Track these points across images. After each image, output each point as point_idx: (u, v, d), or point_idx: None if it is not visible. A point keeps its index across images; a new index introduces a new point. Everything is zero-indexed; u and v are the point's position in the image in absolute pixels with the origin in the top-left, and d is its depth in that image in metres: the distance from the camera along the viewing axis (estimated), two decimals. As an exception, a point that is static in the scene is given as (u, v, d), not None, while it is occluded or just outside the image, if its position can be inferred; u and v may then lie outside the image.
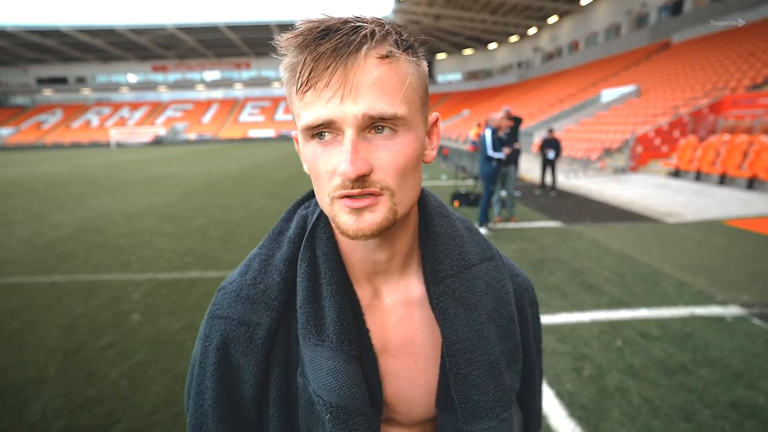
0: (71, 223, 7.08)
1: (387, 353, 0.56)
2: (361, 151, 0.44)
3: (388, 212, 0.46)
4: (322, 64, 0.42)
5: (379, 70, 0.43)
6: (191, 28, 43.48)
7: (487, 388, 0.54)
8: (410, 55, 0.47)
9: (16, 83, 54.67)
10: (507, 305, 0.58)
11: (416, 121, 0.48)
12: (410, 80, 0.46)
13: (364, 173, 0.43)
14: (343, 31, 0.43)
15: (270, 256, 0.58)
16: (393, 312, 0.57)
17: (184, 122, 50.33)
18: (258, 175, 13.51)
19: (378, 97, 0.43)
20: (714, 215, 6.60)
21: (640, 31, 26.93)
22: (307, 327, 0.52)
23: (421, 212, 0.59)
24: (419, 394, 0.57)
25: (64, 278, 4.41)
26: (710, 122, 11.97)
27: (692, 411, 2.18)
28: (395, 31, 0.46)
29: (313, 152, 0.46)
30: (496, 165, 5.86)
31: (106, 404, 2.35)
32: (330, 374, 0.50)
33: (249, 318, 0.53)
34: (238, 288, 0.55)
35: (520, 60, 43.71)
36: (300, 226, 0.59)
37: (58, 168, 18.75)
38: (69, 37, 43.53)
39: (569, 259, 4.62)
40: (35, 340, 3.10)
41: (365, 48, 0.43)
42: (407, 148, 0.46)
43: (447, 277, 0.55)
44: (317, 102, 0.43)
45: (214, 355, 0.54)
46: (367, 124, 0.44)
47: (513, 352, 0.57)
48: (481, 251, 0.60)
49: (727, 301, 3.48)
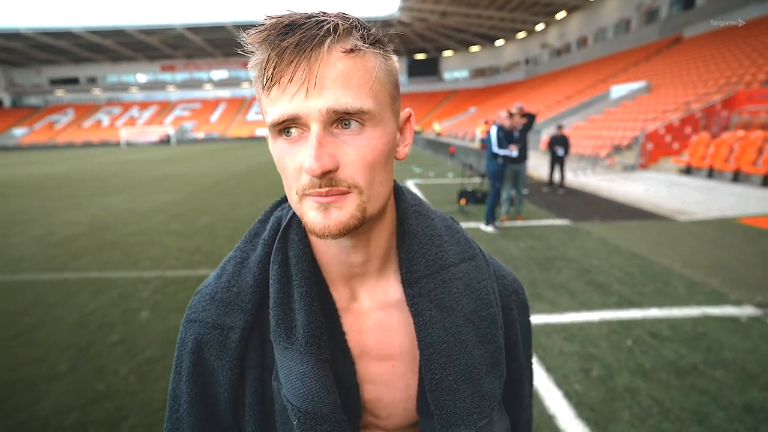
0: (82, 222, 7.19)
1: (365, 357, 0.55)
2: (326, 146, 0.43)
3: (356, 210, 0.45)
4: (286, 59, 0.42)
5: (344, 64, 0.43)
6: (199, 27, 43.83)
7: (464, 395, 0.52)
8: (378, 49, 0.46)
9: (30, 84, 55.63)
10: (488, 307, 0.56)
11: (384, 116, 0.47)
12: (377, 74, 0.45)
13: (329, 169, 0.42)
14: (306, 26, 0.42)
15: (244, 259, 0.57)
16: (370, 315, 0.55)
17: (192, 121, 50.81)
18: (265, 174, 13.57)
19: (343, 90, 0.42)
20: (727, 213, 6.47)
21: (651, 25, 26.51)
22: (278, 330, 0.51)
23: (397, 212, 0.57)
24: (399, 399, 0.56)
25: (75, 275, 4.48)
26: (723, 118, 11.74)
27: (705, 413, 2.14)
28: (361, 26, 0.46)
29: (281, 149, 0.46)
30: (502, 162, 5.81)
31: (115, 400, 2.38)
32: (299, 378, 0.49)
33: (222, 321, 0.53)
34: (213, 291, 0.55)
35: (528, 56, 43.32)
36: (274, 227, 0.58)
37: (70, 167, 19.05)
38: (80, 38, 44.16)
39: (577, 258, 4.57)
40: (47, 336, 3.15)
41: (329, 41, 0.42)
42: (375, 143, 0.45)
43: (422, 278, 0.54)
44: (282, 98, 0.43)
45: (189, 360, 0.53)
46: (333, 119, 0.43)
47: (494, 356, 0.55)
48: (461, 251, 0.58)
49: (741, 301, 3.41)
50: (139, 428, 2.16)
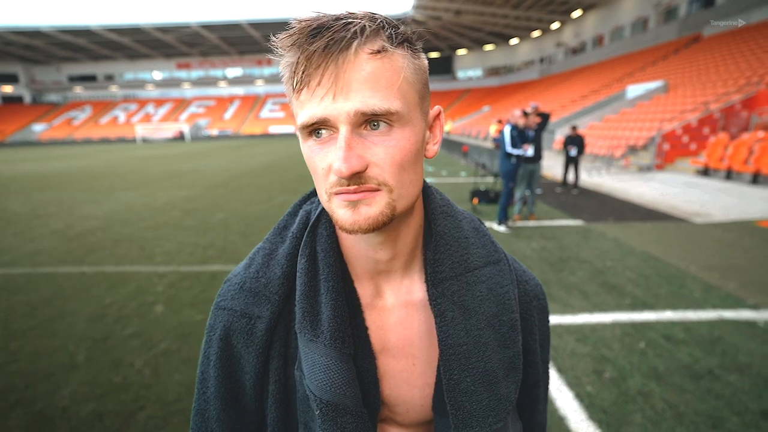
0: (99, 216, 7.35)
1: (386, 353, 0.56)
2: (355, 147, 0.43)
3: (386, 207, 0.46)
4: (314, 63, 0.42)
5: (371, 66, 0.43)
6: (214, 25, 44.37)
7: (480, 397, 0.53)
8: (406, 49, 0.46)
9: (50, 81, 57.02)
10: (509, 312, 0.56)
11: (413, 115, 0.47)
12: (405, 74, 0.45)
13: (357, 170, 0.43)
14: (334, 29, 0.43)
15: (273, 251, 0.58)
16: (393, 312, 0.56)
17: (207, 118, 51.45)
18: (278, 171, 13.69)
19: (371, 92, 0.43)
20: (746, 215, 6.31)
21: (669, 24, 25.92)
22: (303, 322, 0.52)
23: (425, 211, 0.58)
24: (417, 396, 0.57)
25: (93, 269, 4.59)
26: (743, 119, 11.43)
27: (720, 418, 2.10)
28: (389, 25, 0.46)
29: (311, 150, 0.47)
30: (515, 162, 5.75)
31: (131, 391, 2.44)
32: (322, 371, 0.50)
33: (250, 310, 0.54)
34: (242, 280, 0.56)
35: (542, 55, 42.75)
36: (303, 221, 0.59)
37: (87, 163, 19.47)
38: (99, 36, 45.08)
39: (591, 259, 4.51)
40: (65, 327, 3.24)
41: (356, 44, 0.43)
42: (404, 143, 0.46)
43: (446, 279, 0.54)
44: (311, 100, 0.44)
45: (218, 345, 0.56)
46: (361, 121, 0.44)
47: (512, 361, 0.56)
48: (487, 254, 0.58)
49: (759, 305, 3.33)
50: (154, 419, 2.21)
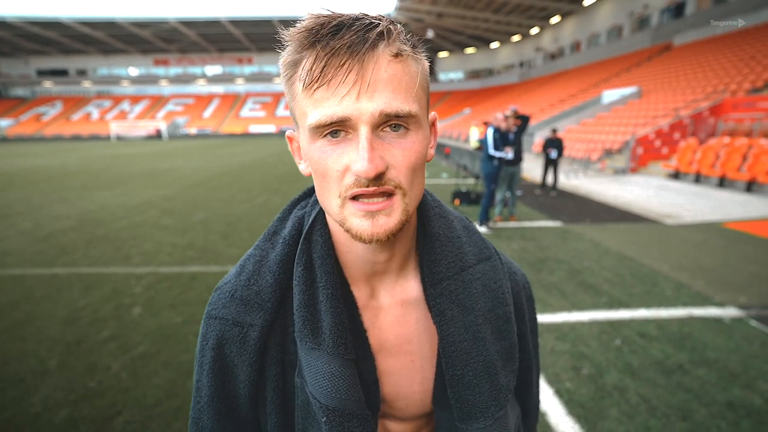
0: (72, 216, 7.08)
1: (384, 352, 0.57)
2: (376, 149, 0.43)
3: (402, 214, 0.46)
4: (336, 61, 0.41)
5: (393, 69, 0.43)
6: (193, 22, 43.35)
7: (482, 388, 0.54)
8: (417, 54, 0.47)
9: (17, 74, 54.46)
10: (503, 305, 0.58)
11: (424, 119, 0.48)
12: (419, 79, 0.46)
13: (381, 171, 0.43)
14: (356, 28, 0.42)
15: (264, 257, 0.57)
16: (390, 312, 0.57)
17: (185, 117, 50.24)
18: (259, 170, 13.49)
19: (393, 94, 0.43)
20: (713, 217, 6.62)
21: (642, 32, 26.90)
22: (304, 331, 0.52)
23: (419, 212, 0.59)
24: (416, 391, 0.58)
25: (65, 270, 4.42)
26: (710, 125, 11.98)
27: (689, 410, 2.21)
28: (404, 30, 0.47)
29: (321, 151, 0.45)
30: (497, 164, 5.86)
31: (107, 396, 2.37)
32: (326, 378, 0.50)
33: (242, 319, 0.54)
34: (233, 289, 0.56)
35: (522, 59, 43.64)
36: (296, 227, 0.58)
37: (58, 160, 18.70)
38: (70, 29, 43.34)
39: (569, 259, 4.64)
40: (36, 331, 3.11)
41: (382, 45, 0.43)
42: (417, 146, 0.46)
43: (444, 279, 0.56)
44: (330, 99, 0.42)
45: (210, 355, 0.55)
46: (382, 122, 0.43)
47: (509, 351, 0.58)
48: (479, 251, 0.60)
49: (725, 303, 3.50)
50: (132, 424, 2.15)
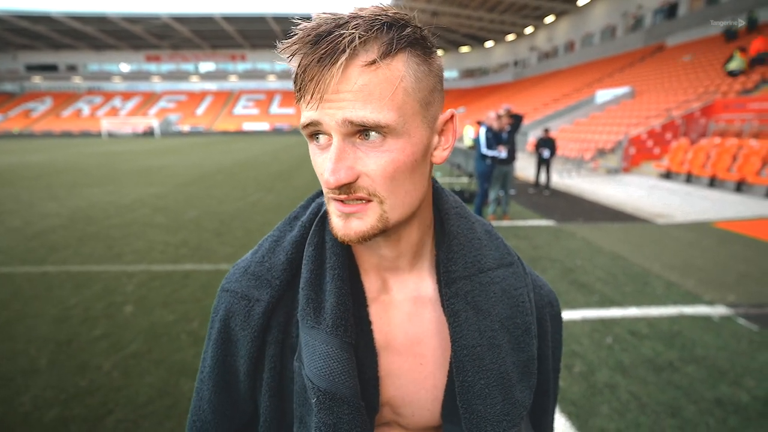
0: (62, 213, 6.99)
1: (391, 350, 0.54)
2: (346, 158, 0.44)
3: (377, 221, 0.46)
4: (308, 75, 0.43)
5: (364, 78, 0.42)
6: (186, 18, 42.83)
7: (495, 400, 0.51)
8: (409, 54, 0.44)
9: (5, 69, 53.46)
10: (524, 315, 0.55)
11: (410, 126, 0.45)
12: (404, 84, 0.43)
13: (345, 182, 0.43)
14: (330, 39, 0.42)
15: (281, 238, 0.59)
16: (401, 308, 0.55)
17: (178, 114, 49.69)
18: (252, 168, 13.41)
19: (362, 103, 0.42)
20: (703, 217, 6.71)
21: (636, 33, 27.10)
22: (306, 309, 0.52)
23: (437, 211, 0.58)
24: (425, 399, 0.55)
25: (56, 269, 4.36)
26: (702, 125, 12.12)
27: (678, 407, 2.24)
28: (394, 28, 0.43)
29: (313, 153, 0.48)
30: (490, 163, 5.88)
31: (99, 395, 2.35)
32: (322, 358, 0.50)
33: (251, 293, 0.54)
34: (247, 264, 0.57)
35: (516, 59, 43.77)
36: (314, 212, 0.59)
37: (48, 157, 18.43)
38: (60, 24, 42.63)
39: (562, 258, 4.68)
40: (26, 330, 3.07)
41: (345, 57, 0.41)
42: (397, 155, 0.44)
43: (459, 279, 0.54)
44: (307, 107, 0.45)
45: (217, 327, 0.56)
46: (352, 131, 0.43)
47: (526, 365, 0.54)
48: (500, 256, 0.58)
49: (714, 301, 3.55)
50: (124, 423, 2.13)
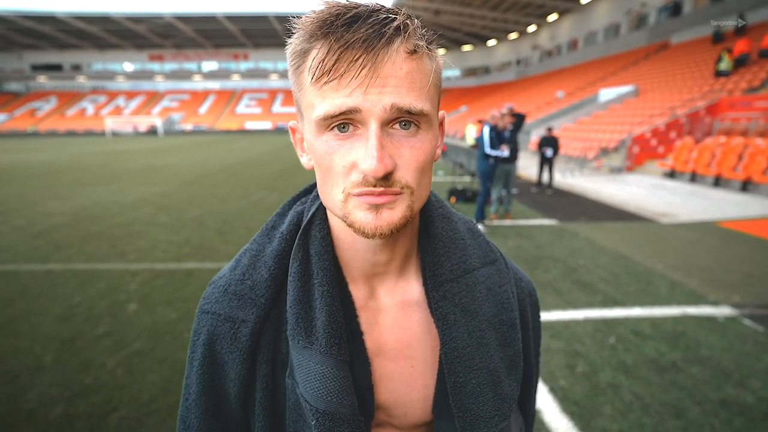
0: (66, 212, 7.03)
1: (382, 356, 0.54)
2: (386, 147, 0.42)
3: (407, 209, 0.45)
4: (350, 55, 0.40)
5: (408, 65, 0.42)
6: (189, 17, 42.94)
7: (486, 397, 0.52)
8: (431, 51, 0.45)
9: (10, 69, 53.80)
10: (508, 311, 0.56)
11: (435, 119, 0.47)
12: (433, 77, 0.45)
13: (390, 170, 0.42)
14: (373, 21, 0.40)
15: (260, 252, 0.56)
16: (389, 313, 0.55)
17: (181, 113, 49.85)
18: (255, 167, 13.44)
19: (407, 91, 0.42)
20: (708, 217, 6.66)
21: (640, 31, 26.93)
22: (297, 329, 0.50)
23: (422, 213, 0.57)
24: (416, 399, 0.56)
25: (60, 267, 4.39)
26: (707, 124, 12.04)
27: (682, 408, 2.23)
28: (420, 25, 0.45)
29: (327, 145, 0.43)
30: (493, 162, 5.87)
31: (103, 393, 2.36)
32: (318, 379, 0.48)
33: (234, 314, 0.52)
34: (227, 283, 0.54)
35: (519, 57, 43.61)
36: (294, 222, 0.57)
37: (52, 156, 18.54)
38: (65, 24, 42.83)
39: (564, 257, 4.66)
40: (31, 328, 3.09)
41: (398, 41, 0.41)
42: (426, 145, 0.45)
43: (446, 282, 0.54)
44: (340, 90, 0.41)
45: (201, 351, 0.53)
46: (393, 118, 0.42)
47: (513, 359, 0.56)
48: (483, 254, 0.58)
49: (718, 302, 3.53)
50: (127, 421, 2.14)
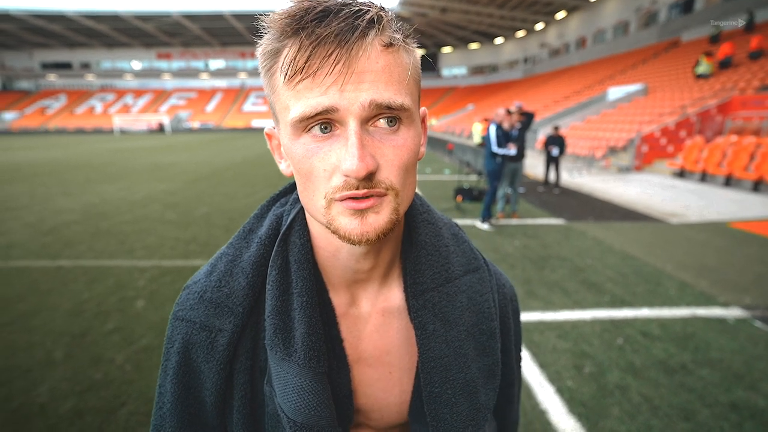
0: (76, 209, 7.11)
1: (362, 363, 0.54)
2: (367, 146, 0.40)
3: (392, 213, 0.43)
4: (322, 51, 0.38)
5: (384, 59, 0.40)
6: (196, 15, 43.19)
7: (461, 408, 0.52)
8: (408, 44, 0.44)
9: (21, 67, 54.55)
10: (489, 320, 0.55)
11: (416, 114, 0.45)
12: (411, 71, 0.43)
13: (372, 170, 0.39)
14: (345, 14, 0.39)
15: (237, 257, 0.53)
16: (370, 321, 0.54)
17: (188, 110, 50.24)
18: (261, 165, 13.50)
19: (385, 85, 0.40)
20: (718, 217, 6.57)
21: (649, 28, 26.60)
22: (275, 339, 0.48)
23: (406, 218, 0.55)
24: (393, 403, 0.56)
25: (70, 263, 4.45)
26: (718, 123, 11.86)
27: (692, 411, 2.20)
28: (395, 18, 0.43)
29: (305, 149, 0.41)
30: (500, 161, 5.84)
31: (112, 387, 2.39)
32: (296, 392, 0.47)
33: (211, 323, 0.50)
34: (202, 289, 0.52)
35: (527, 55, 43.30)
36: (273, 226, 0.55)
37: (62, 154, 18.78)
38: (74, 23, 43.30)
39: (572, 257, 4.63)
40: (42, 323, 3.14)
41: (372, 34, 0.39)
42: (410, 143, 0.43)
43: (427, 291, 0.52)
44: (314, 89, 0.39)
45: (175, 359, 0.51)
46: (372, 115, 0.40)
47: (491, 368, 0.55)
48: (467, 262, 0.57)
49: (729, 303, 3.49)
50: (136, 415, 2.17)
